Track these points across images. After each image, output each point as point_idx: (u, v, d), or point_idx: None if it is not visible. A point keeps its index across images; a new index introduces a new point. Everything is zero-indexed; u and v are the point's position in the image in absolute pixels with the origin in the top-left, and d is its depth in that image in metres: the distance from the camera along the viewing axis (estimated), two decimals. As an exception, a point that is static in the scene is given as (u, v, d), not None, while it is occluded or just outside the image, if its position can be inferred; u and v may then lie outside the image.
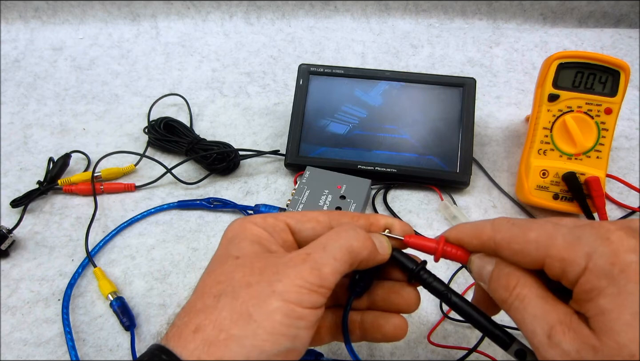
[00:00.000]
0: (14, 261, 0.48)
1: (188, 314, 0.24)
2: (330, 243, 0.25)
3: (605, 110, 0.48)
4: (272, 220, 0.28)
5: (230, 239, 0.27)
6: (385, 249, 0.28)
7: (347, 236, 0.25)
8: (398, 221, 0.30)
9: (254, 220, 0.27)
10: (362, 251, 0.25)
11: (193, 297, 0.25)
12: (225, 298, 0.23)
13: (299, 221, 0.28)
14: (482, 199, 0.53)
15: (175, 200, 0.52)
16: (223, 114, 0.63)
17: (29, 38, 0.75)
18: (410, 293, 0.30)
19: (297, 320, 0.23)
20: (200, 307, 0.24)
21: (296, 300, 0.23)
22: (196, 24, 0.77)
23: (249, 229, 0.27)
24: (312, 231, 0.28)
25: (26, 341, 0.42)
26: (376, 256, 0.27)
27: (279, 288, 0.23)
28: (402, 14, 0.76)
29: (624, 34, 0.73)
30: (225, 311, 0.23)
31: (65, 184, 0.53)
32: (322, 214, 0.29)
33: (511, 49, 0.71)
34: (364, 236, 0.26)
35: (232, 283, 0.24)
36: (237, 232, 0.27)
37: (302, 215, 0.28)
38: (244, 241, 0.26)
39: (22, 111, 0.64)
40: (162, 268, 0.47)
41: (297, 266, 0.24)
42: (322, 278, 0.24)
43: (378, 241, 0.27)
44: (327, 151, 0.54)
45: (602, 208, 0.46)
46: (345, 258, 0.25)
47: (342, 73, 0.56)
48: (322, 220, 0.28)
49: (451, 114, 0.54)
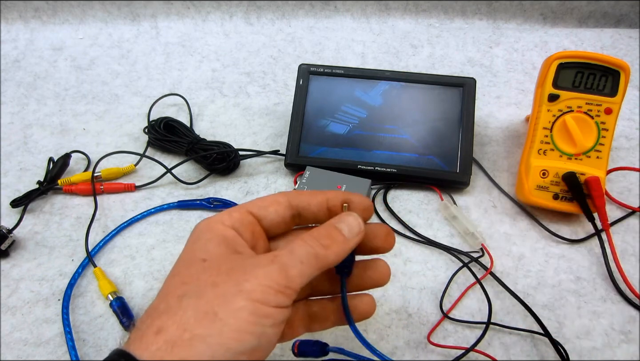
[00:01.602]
0: (14, 261, 0.48)
1: (150, 316, 0.24)
2: (297, 249, 0.25)
3: (605, 110, 0.48)
4: (237, 214, 0.28)
5: (195, 240, 0.27)
6: (354, 233, 0.27)
7: (314, 243, 0.26)
8: (356, 195, 0.29)
9: (220, 219, 0.27)
10: (328, 257, 0.26)
11: (156, 300, 0.25)
12: (190, 298, 0.23)
13: (261, 208, 0.28)
14: (482, 199, 0.53)
15: (175, 200, 0.52)
16: (223, 114, 0.63)
17: (29, 38, 0.75)
18: (384, 265, 0.30)
19: (263, 318, 0.23)
20: (163, 308, 0.24)
21: (262, 299, 0.23)
22: (196, 24, 0.77)
23: (215, 230, 0.27)
24: (275, 214, 0.28)
25: (26, 341, 0.42)
26: (347, 248, 0.27)
27: (245, 287, 0.23)
28: (402, 14, 0.76)
29: (624, 34, 0.73)
30: (190, 311, 0.23)
31: (65, 184, 0.53)
32: (280, 195, 0.29)
33: (511, 49, 0.71)
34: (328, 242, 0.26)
35: (197, 284, 0.24)
36: (203, 233, 0.27)
37: (262, 200, 0.29)
38: (210, 243, 0.26)
39: (22, 111, 0.64)
40: (162, 268, 0.47)
41: (265, 266, 0.24)
42: (288, 279, 0.24)
43: (346, 225, 0.27)
44: (327, 151, 0.54)
45: (602, 207, 0.46)
46: (312, 262, 0.25)
47: (342, 73, 0.56)
48: (281, 201, 0.29)
49: (451, 114, 0.54)
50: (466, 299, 0.44)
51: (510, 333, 0.42)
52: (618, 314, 0.43)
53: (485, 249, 0.47)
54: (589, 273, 0.46)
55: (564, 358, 0.39)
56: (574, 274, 0.46)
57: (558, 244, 0.48)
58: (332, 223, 0.27)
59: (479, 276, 0.45)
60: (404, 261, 0.47)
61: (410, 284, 0.45)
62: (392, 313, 0.43)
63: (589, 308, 0.43)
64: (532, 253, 0.48)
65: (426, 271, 0.46)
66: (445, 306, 0.43)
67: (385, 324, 0.42)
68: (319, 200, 0.29)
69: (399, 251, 0.48)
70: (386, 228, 0.30)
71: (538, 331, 0.41)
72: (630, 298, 0.44)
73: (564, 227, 0.50)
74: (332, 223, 0.27)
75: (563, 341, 0.41)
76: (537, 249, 0.48)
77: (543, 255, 0.47)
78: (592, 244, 0.48)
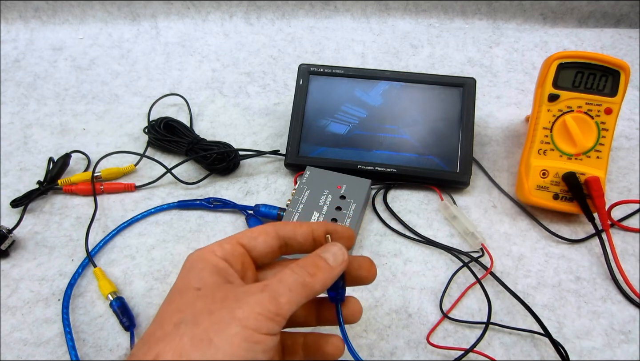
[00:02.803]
0: (14, 261, 0.48)
1: (147, 343, 0.25)
2: (285, 277, 0.26)
3: (605, 110, 0.48)
4: (228, 246, 0.29)
5: (189, 270, 0.28)
6: (339, 262, 0.28)
7: (301, 271, 0.27)
8: (339, 226, 0.31)
9: (212, 249, 0.28)
10: (314, 285, 0.27)
11: (152, 327, 0.26)
12: (186, 326, 0.24)
13: (250, 238, 0.30)
14: (482, 199, 0.53)
15: (175, 200, 0.52)
16: (223, 114, 0.63)
17: (29, 38, 0.75)
18: (356, 303, 0.31)
19: (255, 345, 0.24)
20: (159, 335, 0.24)
21: (255, 326, 0.24)
22: (196, 24, 0.77)
23: (207, 260, 0.28)
24: (264, 245, 0.30)
25: (26, 341, 0.42)
26: (332, 275, 0.28)
27: (239, 314, 0.24)
28: (402, 14, 0.76)
29: (624, 34, 0.73)
30: (186, 337, 0.23)
31: (65, 184, 0.53)
32: (268, 226, 0.30)
33: (511, 49, 0.71)
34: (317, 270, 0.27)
35: (193, 311, 0.25)
36: (196, 262, 0.28)
37: (252, 231, 0.30)
38: (203, 271, 0.27)
39: (22, 111, 0.64)
40: (162, 268, 0.47)
41: (256, 294, 0.25)
42: (279, 306, 0.25)
43: (331, 255, 0.28)
44: (327, 151, 0.54)
45: (602, 207, 0.46)
46: (300, 290, 0.26)
47: (342, 73, 0.56)
48: (269, 231, 0.30)
49: (451, 114, 0.54)
50: (466, 299, 0.44)
51: (510, 333, 0.42)
52: (618, 314, 0.43)
53: (485, 249, 0.47)
54: (589, 273, 0.46)
55: (564, 358, 0.39)
56: (574, 274, 0.46)
57: (558, 244, 0.48)
58: (318, 253, 0.28)
59: (479, 276, 0.45)
60: (404, 261, 0.47)
61: (410, 284, 0.45)
62: (392, 313, 0.43)
63: (589, 308, 0.43)
64: (532, 253, 0.48)
65: (426, 271, 0.46)
66: (445, 306, 0.43)
67: (385, 324, 0.42)
68: (304, 231, 0.30)
69: (399, 251, 0.48)
70: (369, 260, 0.31)
71: (538, 331, 0.41)
72: (632, 297, 0.44)
73: (564, 227, 0.50)
74: (317, 253, 0.29)
75: (563, 341, 0.41)
76: (537, 249, 0.48)
77: (543, 255, 0.47)
78: (592, 244, 0.48)
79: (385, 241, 0.49)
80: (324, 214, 0.47)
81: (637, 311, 0.43)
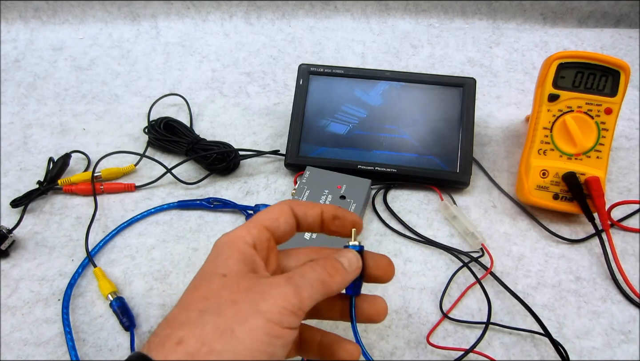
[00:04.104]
0: (14, 261, 0.48)
1: (171, 325, 0.25)
2: (307, 273, 0.27)
3: (605, 110, 0.48)
4: (255, 231, 0.29)
5: (217, 255, 0.28)
6: (353, 268, 0.29)
7: (321, 270, 0.28)
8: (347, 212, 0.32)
9: (240, 235, 0.29)
10: (332, 285, 0.28)
11: (177, 309, 0.26)
12: (210, 314, 0.25)
13: (273, 221, 0.30)
14: (482, 199, 0.53)
15: (175, 200, 0.52)
16: (223, 114, 0.63)
17: (29, 38, 0.75)
18: (381, 302, 0.32)
19: (275, 339, 0.24)
20: (184, 320, 0.25)
21: (277, 320, 0.24)
22: (196, 24, 0.77)
23: (236, 246, 0.28)
24: (286, 225, 0.30)
25: (26, 341, 0.42)
26: (347, 279, 0.29)
27: (262, 307, 0.25)
28: (402, 14, 0.76)
29: (624, 34, 0.73)
30: (210, 326, 0.24)
31: (65, 184, 0.53)
32: (283, 204, 0.31)
33: (511, 49, 0.71)
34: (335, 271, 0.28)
35: (218, 300, 0.25)
36: (224, 248, 0.28)
37: (271, 212, 0.31)
38: (230, 259, 0.27)
39: (22, 111, 0.64)
40: (162, 268, 0.47)
41: (281, 287, 0.26)
42: (301, 300, 0.26)
43: (347, 260, 0.29)
44: (327, 151, 0.54)
45: (602, 207, 0.46)
46: (320, 287, 0.27)
47: (342, 73, 0.56)
48: (286, 210, 0.31)
49: (451, 114, 0.54)
50: (466, 299, 0.44)
51: (510, 333, 0.42)
52: (618, 314, 0.43)
53: (485, 249, 0.47)
54: (589, 273, 0.46)
55: (564, 358, 0.39)
56: (574, 274, 0.46)
57: (558, 244, 0.48)
58: (335, 256, 0.29)
59: (479, 276, 0.45)
60: (404, 261, 0.47)
61: (410, 284, 0.45)
62: (392, 313, 0.43)
63: (589, 308, 0.43)
64: (532, 253, 0.48)
65: (426, 271, 0.46)
66: (445, 306, 0.43)
67: (385, 324, 0.42)
68: (315, 211, 0.31)
69: (399, 251, 0.48)
70: (387, 259, 0.32)
71: (538, 331, 0.41)
72: (632, 297, 0.44)
73: (564, 227, 0.50)
74: (334, 255, 0.29)
75: (563, 341, 0.41)
76: (537, 249, 0.48)
77: (543, 255, 0.47)
78: (592, 244, 0.48)
79: (385, 241, 0.49)
80: (324, 214, 0.47)
81: (637, 311, 0.43)
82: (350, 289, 0.30)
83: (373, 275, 0.31)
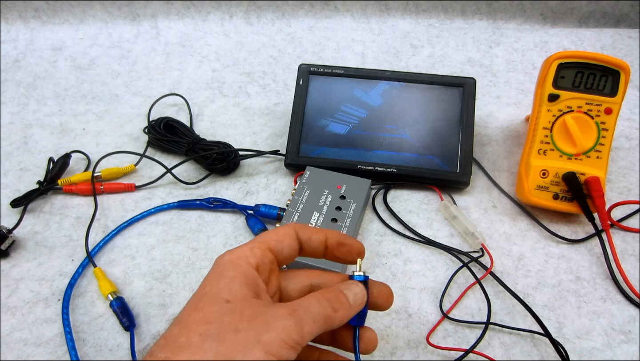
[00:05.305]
0: (14, 261, 0.48)
1: (170, 346, 0.25)
2: (312, 306, 0.27)
3: (605, 110, 0.48)
4: (259, 251, 0.29)
5: (220, 276, 0.28)
6: (358, 303, 0.29)
7: (326, 304, 0.28)
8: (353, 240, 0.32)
9: (244, 255, 0.29)
10: (335, 320, 0.28)
11: (176, 329, 0.26)
12: (212, 341, 0.24)
13: (277, 242, 0.30)
14: (482, 199, 0.53)
15: (175, 200, 0.52)
16: (223, 114, 0.63)
17: (29, 38, 0.75)
18: (372, 335, 0.32)
19: None
20: (184, 342, 0.25)
21: (276, 353, 0.24)
22: (196, 24, 0.77)
23: (239, 267, 0.28)
24: (289, 248, 0.30)
25: (26, 341, 0.42)
26: (351, 314, 0.29)
27: (264, 338, 0.24)
28: (402, 14, 0.76)
29: (624, 34, 0.73)
30: (211, 353, 0.24)
31: (65, 184, 0.53)
32: (288, 227, 0.31)
33: (511, 49, 0.71)
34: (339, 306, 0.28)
35: (220, 326, 0.25)
36: (227, 269, 0.28)
37: (276, 234, 0.30)
38: (234, 282, 0.27)
39: (22, 111, 0.64)
40: (162, 268, 0.47)
41: (284, 319, 0.26)
42: (302, 336, 0.25)
43: (352, 294, 0.29)
44: (327, 151, 0.54)
45: (602, 207, 0.46)
46: (322, 322, 0.27)
47: (342, 73, 0.56)
48: (291, 233, 0.31)
49: (451, 114, 0.54)
50: (466, 299, 0.44)
51: (510, 333, 0.42)
52: (618, 314, 0.43)
53: (485, 249, 0.47)
54: (589, 273, 0.46)
55: (564, 358, 0.39)
56: (574, 274, 0.46)
57: (558, 244, 0.48)
58: (341, 288, 0.29)
59: (479, 276, 0.45)
60: (404, 261, 0.47)
61: (410, 284, 0.45)
62: (392, 313, 0.43)
63: (589, 308, 0.43)
64: (532, 253, 0.48)
65: (426, 271, 0.46)
66: (445, 306, 0.43)
67: (385, 324, 0.42)
68: (319, 237, 0.31)
69: (399, 251, 0.48)
70: (388, 289, 0.32)
71: (538, 331, 0.41)
72: (632, 297, 0.44)
73: (564, 227, 0.50)
74: (340, 288, 0.29)
75: (563, 341, 0.41)
76: (537, 249, 0.48)
77: (543, 255, 0.47)
78: (592, 244, 0.48)
79: (385, 241, 0.49)
80: (324, 214, 0.47)
81: (637, 311, 0.43)
82: (354, 320, 0.30)
83: (374, 303, 0.31)
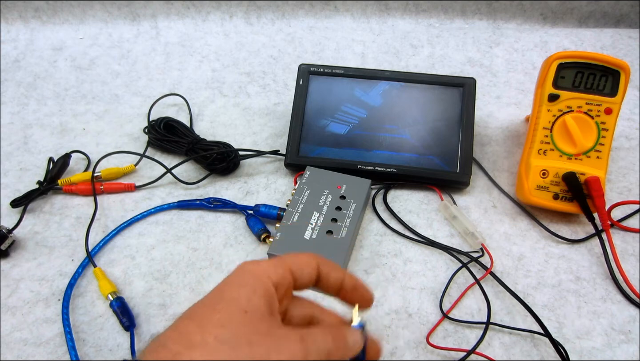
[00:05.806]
0: (14, 261, 0.48)
1: (184, 341, 0.25)
2: (319, 340, 0.28)
3: (605, 110, 0.48)
4: (281, 270, 0.30)
5: (241, 283, 0.28)
6: (355, 348, 0.30)
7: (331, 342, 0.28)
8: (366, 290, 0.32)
9: (267, 271, 0.29)
10: (335, 357, 0.28)
11: (191, 325, 0.26)
12: (227, 347, 0.25)
13: (298, 268, 0.31)
14: (482, 199, 0.53)
15: (175, 200, 0.52)
16: (223, 114, 0.63)
17: (29, 38, 0.75)
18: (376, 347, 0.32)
19: None
20: (198, 341, 0.25)
21: None
22: (196, 24, 0.77)
23: (261, 281, 0.29)
24: (308, 277, 0.31)
25: (26, 341, 0.42)
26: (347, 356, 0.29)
27: (273, 357, 0.25)
28: (402, 14, 0.76)
29: (624, 34, 0.73)
30: (223, 358, 0.24)
31: (65, 184, 0.53)
32: (312, 257, 0.31)
33: (511, 49, 0.71)
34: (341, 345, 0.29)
35: (236, 334, 0.26)
36: (250, 279, 0.29)
37: (299, 259, 0.31)
38: (255, 295, 0.28)
39: (22, 111, 0.64)
40: (162, 268, 0.47)
41: (294, 344, 0.26)
42: None
43: (352, 340, 0.30)
44: (327, 151, 0.54)
45: (602, 207, 0.46)
46: (323, 356, 0.27)
47: (342, 73, 0.56)
48: (313, 264, 0.31)
49: (451, 114, 0.54)
50: (466, 299, 0.44)
51: (510, 333, 0.42)
52: (618, 314, 0.43)
53: (485, 249, 0.47)
54: (589, 273, 0.46)
55: (564, 358, 0.39)
56: (574, 274, 0.46)
57: (558, 244, 0.48)
58: (345, 332, 0.30)
59: (479, 276, 0.45)
60: (404, 261, 0.47)
61: (410, 284, 0.45)
62: (392, 313, 0.43)
63: (589, 308, 0.43)
64: (532, 253, 0.48)
65: (426, 271, 0.46)
66: (445, 306, 0.43)
67: (385, 324, 0.42)
68: (338, 275, 0.32)
69: (399, 251, 0.48)
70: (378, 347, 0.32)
71: (538, 331, 0.41)
72: (632, 297, 0.44)
73: (564, 227, 0.50)
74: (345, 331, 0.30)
75: (563, 341, 0.41)
76: (537, 249, 0.48)
77: (543, 255, 0.47)
78: (592, 244, 0.48)
79: (385, 241, 0.49)
80: (324, 214, 0.47)
81: (637, 311, 0.43)
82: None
83: None
